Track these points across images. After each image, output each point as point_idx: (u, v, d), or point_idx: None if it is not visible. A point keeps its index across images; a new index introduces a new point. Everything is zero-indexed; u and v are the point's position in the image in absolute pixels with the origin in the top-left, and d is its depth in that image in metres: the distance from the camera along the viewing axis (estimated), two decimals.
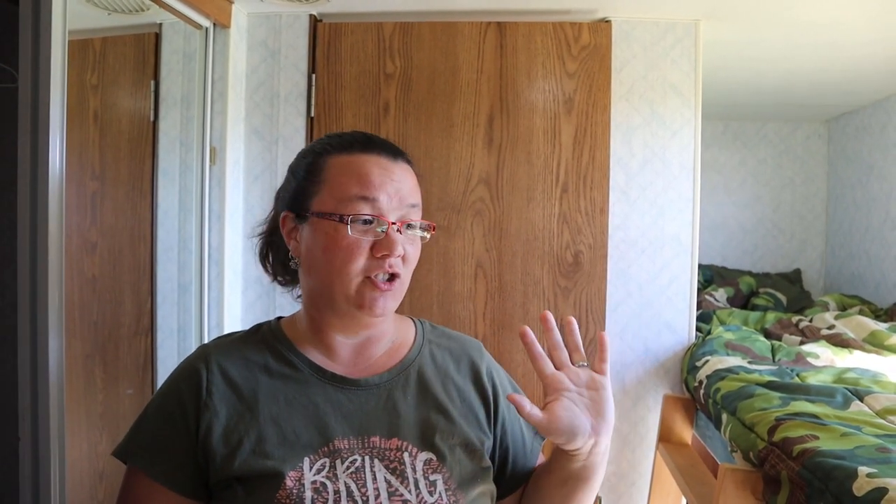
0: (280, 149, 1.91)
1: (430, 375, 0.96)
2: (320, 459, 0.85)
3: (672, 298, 1.93)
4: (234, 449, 0.84)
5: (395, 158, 0.91)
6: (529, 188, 1.88)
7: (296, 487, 0.82)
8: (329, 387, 0.90)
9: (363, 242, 0.86)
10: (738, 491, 1.27)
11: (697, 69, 1.87)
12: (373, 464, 0.86)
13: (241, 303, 1.97)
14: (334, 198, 0.87)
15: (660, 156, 1.91)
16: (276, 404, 0.88)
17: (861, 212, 2.81)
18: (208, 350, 0.92)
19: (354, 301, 0.86)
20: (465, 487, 0.89)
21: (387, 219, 0.86)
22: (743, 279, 2.75)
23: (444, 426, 0.92)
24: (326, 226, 0.86)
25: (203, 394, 0.86)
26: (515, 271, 1.90)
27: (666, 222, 1.92)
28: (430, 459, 0.89)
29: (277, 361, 0.91)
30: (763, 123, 3.14)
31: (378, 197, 0.86)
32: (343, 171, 0.88)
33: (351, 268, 0.85)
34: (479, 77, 1.86)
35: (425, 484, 0.87)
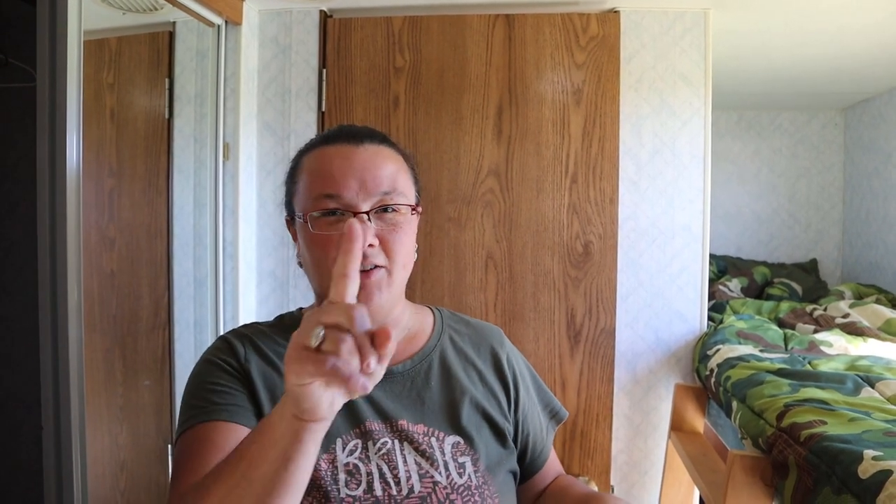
0: (292, 143, 1.93)
1: (452, 360, 0.97)
2: (353, 440, 0.86)
3: (683, 288, 1.93)
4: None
5: (360, 143, 0.89)
6: (539, 179, 1.89)
7: (330, 469, 0.83)
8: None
9: (334, 237, 0.84)
10: (747, 477, 1.27)
11: (707, 58, 1.86)
12: (402, 447, 0.87)
13: (255, 296, 2.00)
14: (305, 197, 0.88)
15: (669, 146, 1.91)
16: None
17: (878, 201, 2.78)
18: (239, 331, 0.93)
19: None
20: (493, 469, 0.91)
21: (355, 209, 0.85)
22: (757, 269, 2.74)
23: (469, 409, 0.93)
24: (303, 226, 0.87)
25: (242, 361, 0.88)
26: (526, 262, 1.91)
27: (676, 212, 1.92)
28: (457, 443, 0.90)
29: None
30: (778, 113, 3.11)
31: (340, 192, 0.85)
32: (310, 168, 0.89)
33: (327, 263, 0.84)
34: (488, 69, 1.87)
35: (455, 466, 0.88)
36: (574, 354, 1.88)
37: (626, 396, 1.94)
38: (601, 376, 1.87)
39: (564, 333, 1.89)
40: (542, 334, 1.89)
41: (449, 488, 0.86)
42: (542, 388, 1.08)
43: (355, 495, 0.83)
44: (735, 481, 1.27)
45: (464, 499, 0.86)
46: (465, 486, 0.87)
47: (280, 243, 1.97)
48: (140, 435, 2.05)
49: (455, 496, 0.86)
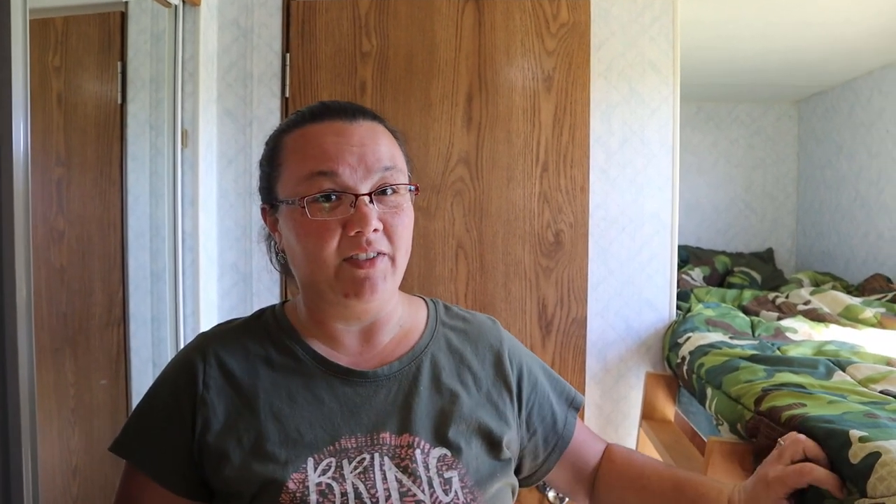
0: (254, 131, 1.86)
1: (444, 363, 0.88)
2: (325, 459, 0.78)
3: (652, 276, 1.94)
4: (232, 448, 0.78)
5: (354, 119, 0.81)
6: (509, 167, 1.86)
7: (299, 490, 0.75)
8: (335, 380, 0.83)
9: (332, 223, 0.76)
10: (726, 463, 1.27)
11: (675, 47, 1.87)
12: (382, 462, 0.79)
13: (216, 290, 1.92)
14: (293, 180, 0.79)
15: (639, 134, 1.91)
16: (278, 400, 0.80)
17: (831, 191, 2.86)
18: (206, 340, 0.85)
19: (339, 290, 0.78)
20: (482, 484, 0.83)
21: (354, 190, 0.77)
22: (718, 258, 2.78)
23: (459, 418, 0.84)
24: (293, 211, 0.78)
25: (199, 388, 0.80)
26: (496, 251, 1.89)
27: (646, 200, 1.92)
28: (444, 455, 0.81)
29: (280, 352, 0.84)
30: (735, 105, 3.17)
31: (337, 169, 0.76)
32: (297, 147, 0.80)
33: (325, 253, 0.77)
34: (458, 55, 1.84)
35: (440, 482, 0.80)
36: (546, 345, 1.87)
37: (598, 386, 1.94)
38: (573, 366, 1.86)
39: (536, 323, 1.88)
40: (513, 325, 1.87)
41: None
42: (553, 376, 0.99)
43: None
44: (714, 468, 1.27)
45: None
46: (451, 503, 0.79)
47: (242, 235, 1.89)
48: (94, 438, 1.95)
49: None
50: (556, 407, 0.95)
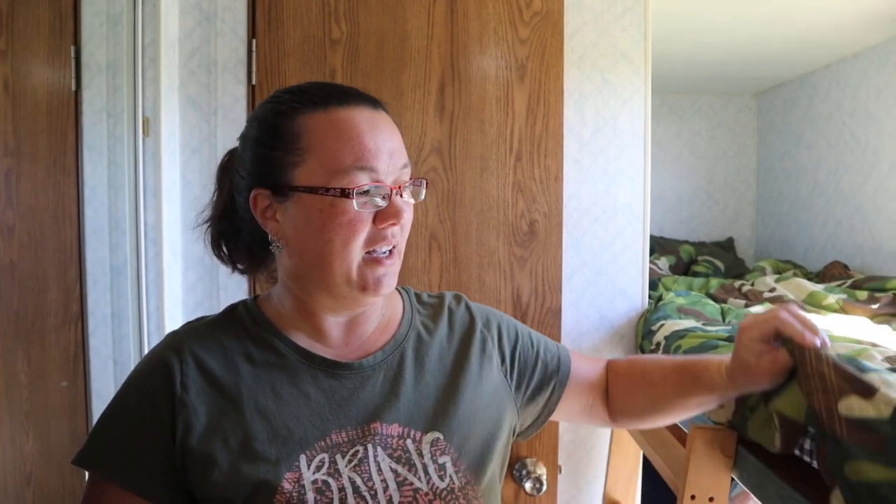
0: (219, 120, 1.79)
1: (425, 348, 0.89)
2: (318, 455, 0.77)
3: (625, 266, 1.95)
4: (218, 451, 0.74)
5: (376, 108, 0.81)
6: (483, 157, 1.84)
7: (295, 490, 0.74)
8: (320, 373, 0.81)
9: (364, 214, 0.76)
10: (708, 449, 1.27)
11: (647, 38, 1.87)
12: (376, 453, 0.79)
13: (181, 284, 1.85)
14: (326, 169, 0.75)
15: (611, 124, 1.91)
16: (263, 397, 0.78)
17: (790, 181, 2.93)
18: (179, 338, 0.81)
19: (357, 283, 0.78)
20: (476, 465, 0.84)
21: (386, 184, 0.77)
22: (683, 248, 2.83)
23: (446, 401, 0.85)
24: (320, 202, 0.75)
25: (177, 389, 0.76)
26: (470, 242, 1.86)
27: (618, 190, 1.93)
28: (436, 440, 0.82)
29: (259, 348, 0.82)
30: (697, 97, 3.21)
31: (376, 165, 0.76)
32: (328, 134, 0.76)
33: (353, 246, 0.76)
34: (430, 43, 1.80)
35: (434, 468, 0.80)
36: None
37: None
38: None
39: (511, 314, 1.84)
40: None
41: (431, 494, 0.79)
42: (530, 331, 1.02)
43: None
44: (697, 454, 1.28)
45: (447, 503, 0.79)
46: (448, 489, 0.80)
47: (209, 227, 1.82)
48: (51, 443, 1.86)
49: (438, 501, 0.79)
50: (543, 354, 0.98)
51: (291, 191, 0.77)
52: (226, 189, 0.88)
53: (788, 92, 2.95)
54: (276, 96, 0.83)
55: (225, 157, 0.90)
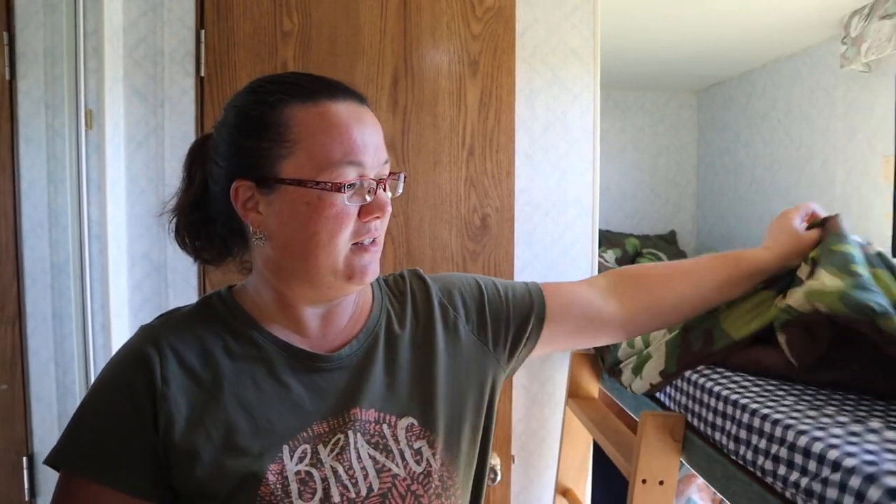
0: (167, 112, 1.74)
1: (396, 332, 0.90)
2: (301, 446, 0.77)
3: (575, 259, 1.99)
4: (202, 445, 0.74)
5: (362, 103, 0.81)
6: (436, 152, 1.85)
7: (279, 481, 0.74)
8: (299, 365, 0.82)
9: (351, 208, 0.77)
10: (659, 434, 1.32)
11: (596, 35, 1.91)
12: (356, 440, 0.80)
13: (127, 282, 1.80)
14: (316, 163, 0.75)
15: (561, 119, 1.94)
16: (244, 390, 0.78)
17: (729, 177, 3.04)
18: (156, 332, 0.79)
19: (344, 273, 0.78)
20: (451, 445, 0.86)
21: (371, 178, 0.78)
22: (628, 241, 2.90)
23: (418, 384, 0.87)
24: (307, 195, 0.75)
25: (158, 383, 0.75)
26: (423, 236, 1.87)
27: (568, 185, 1.96)
28: (411, 425, 0.84)
29: (238, 341, 0.81)
30: (641, 93, 3.30)
31: (365, 160, 0.77)
32: (318, 128, 0.75)
33: (339, 238, 0.77)
34: (383, 37, 1.80)
35: (411, 454, 0.82)
36: None
37: (524, 368, 1.94)
38: None
39: None
40: None
41: (409, 479, 0.81)
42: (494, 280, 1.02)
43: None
44: (647, 439, 1.32)
45: (425, 487, 0.81)
46: (425, 472, 0.82)
47: (155, 222, 1.77)
48: None
49: (416, 486, 0.81)
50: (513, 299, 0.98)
51: (277, 183, 0.76)
52: (197, 178, 0.85)
53: (727, 90, 3.06)
54: (260, 86, 0.81)
55: (195, 145, 0.88)
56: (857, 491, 0.75)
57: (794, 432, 0.90)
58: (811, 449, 0.86)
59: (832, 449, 0.83)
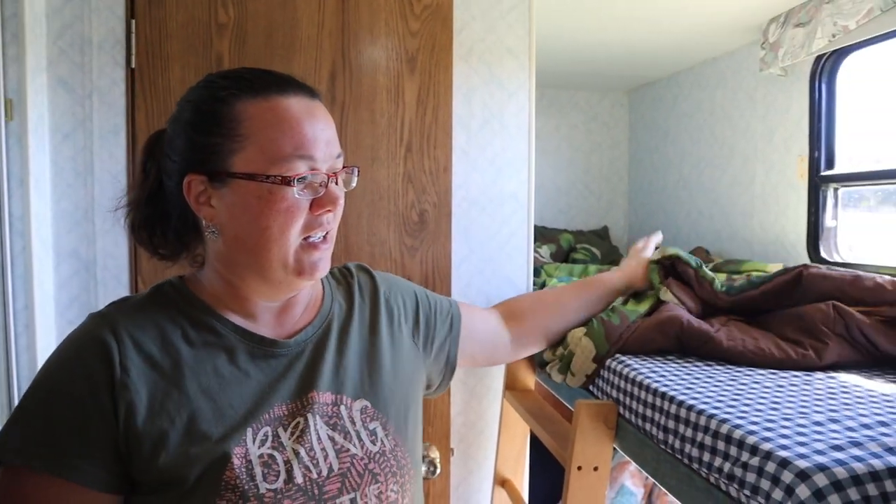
0: (95, 103, 1.69)
1: (347, 320, 0.95)
2: (262, 428, 0.79)
3: (511, 254, 2.03)
4: (165, 433, 0.74)
5: (314, 98, 0.84)
6: (374, 148, 1.86)
7: (244, 465, 0.76)
8: (258, 351, 0.84)
9: (302, 202, 0.79)
10: (593, 423, 1.37)
11: (531, 34, 1.96)
12: (315, 422, 0.83)
13: (53, 280, 1.73)
14: (265, 157, 0.77)
15: (498, 117, 1.98)
16: (205, 376, 0.79)
17: (658, 174, 3.15)
18: (113, 318, 0.78)
19: (294, 269, 0.81)
20: (402, 425, 0.91)
21: (323, 171, 0.80)
22: (563, 236, 2.97)
23: (369, 368, 0.92)
24: (258, 189, 0.77)
25: (116, 371, 0.74)
26: (361, 232, 1.88)
27: (504, 181, 2.00)
28: (364, 407, 0.88)
29: (197, 328, 0.82)
30: (575, 92, 3.38)
31: (315, 154, 0.79)
32: (268, 122, 0.78)
33: (290, 232, 0.79)
34: (321, 32, 1.79)
35: (367, 434, 0.86)
36: None
37: None
38: None
39: None
40: None
41: (366, 458, 0.84)
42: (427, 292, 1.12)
43: (276, 488, 0.76)
44: (582, 427, 1.37)
45: (381, 466, 0.85)
46: (380, 451, 0.86)
47: (83, 218, 1.72)
48: None
49: (373, 465, 0.85)
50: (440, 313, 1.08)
51: (229, 177, 0.78)
52: (152, 173, 0.87)
53: (657, 90, 3.17)
54: (211, 81, 0.83)
55: (150, 140, 0.89)
56: (772, 475, 0.81)
57: (716, 421, 0.96)
58: (732, 436, 0.91)
59: (750, 435, 0.89)
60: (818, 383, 1.16)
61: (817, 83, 2.17)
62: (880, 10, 1.85)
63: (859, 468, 0.77)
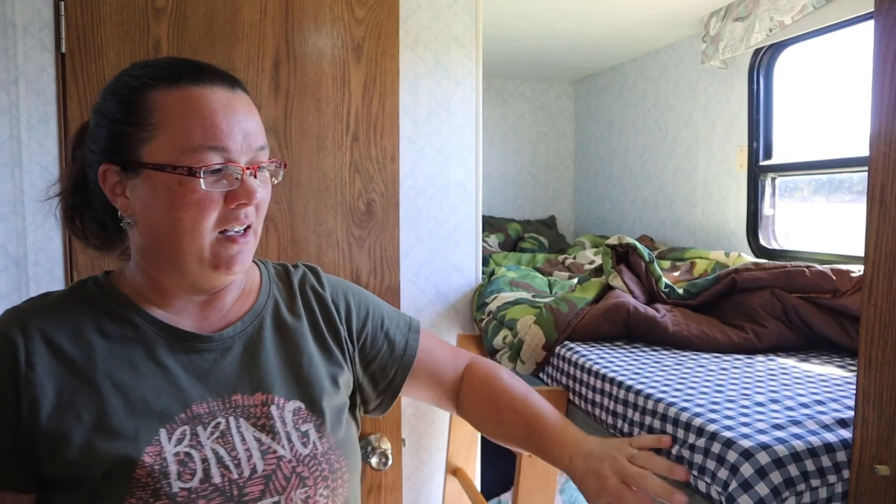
0: (21, 90, 1.61)
1: (285, 316, 0.91)
2: (179, 427, 0.77)
3: (459, 242, 2.03)
4: (71, 429, 0.72)
5: (233, 88, 0.80)
6: (320, 137, 1.82)
7: (157, 463, 0.73)
8: (179, 346, 0.81)
9: (215, 194, 0.76)
10: None
11: (478, 23, 1.95)
12: (238, 424, 0.80)
13: None
14: (175, 147, 0.75)
15: (445, 105, 1.97)
16: (119, 371, 0.76)
17: (604, 163, 3.20)
18: (22, 314, 0.77)
19: (209, 262, 0.78)
20: (335, 429, 0.87)
21: (239, 164, 0.77)
22: (511, 226, 3.00)
23: (307, 368, 0.88)
24: (168, 179, 0.75)
25: (21, 367, 0.72)
26: (308, 223, 1.85)
27: (452, 170, 2.00)
28: (298, 408, 0.85)
29: (115, 322, 0.80)
30: (521, 81, 3.40)
31: (228, 145, 0.76)
32: (179, 112, 0.75)
33: (203, 225, 0.76)
34: (263, 18, 1.74)
35: (298, 435, 0.83)
36: None
37: None
38: None
39: None
40: None
41: (294, 461, 0.81)
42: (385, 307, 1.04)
43: (191, 487, 0.74)
44: None
45: (311, 469, 0.82)
46: (311, 455, 0.83)
47: (12, 212, 1.64)
48: None
49: (302, 468, 0.82)
50: (393, 334, 1.00)
51: (140, 167, 0.76)
52: (78, 161, 0.85)
53: (602, 81, 3.22)
54: (129, 69, 0.82)
55: (78, 129, 0.88)
56: (717, 455, 0.83)
57: (664, 404, 0.98)
58: (679, 418, 0.93)
59: (696, 417, 0.91)
60: (759, 366, 1.20)
61: (755, 76, 2.23)
62: (813, 7, 1.91)
63: (798, 445, 0.80)
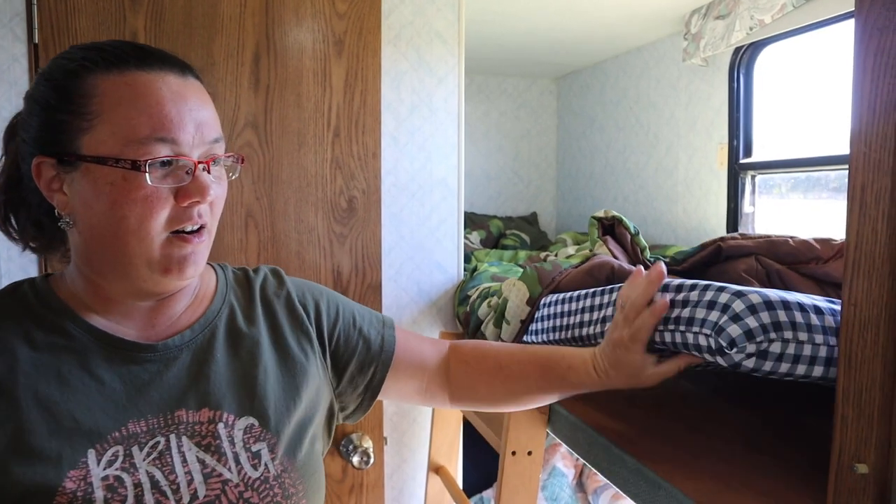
0: None
1: (241, 324, 0.83)
2: (111, 448, 0.69)
3: (441, 239, 2.02)
4: None
5: (184, 75, 0.73)
6: (300, 132, 1.80)
7: (80, 489, 0.65)
8: (117, 357, 0.73)
9: (163, 191, 0.69)
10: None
11: (461, 19, 1.94)
12: (180, 443, 0.72)
13: None
14: (119, 138, 0.68)
15: (427, 102, 1.96)
16: (45, 384, 0.69)
17: (586, 160, 3.21)
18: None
19: (159, 266, 0.71)
20: (293, 448, 0.79)
21: (190, 157, 0.70)
22: (492, 222, 2.99)
23: (262, 382, 0.79)
24: (110, 174, 0.68)
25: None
26: (289, 219, 1.83)
27: (434, 166, 1.99)
28: (251, 426, 0.77)
29: (44, 330, 0.72)
30: (504, 78, 3.39)
31: (178, 137, 0.69)
32: (123, 99, 0.68)
33: (151, 224, 0.69)
34: (243, 11, 1.72)
35: (247, 457, 0.75)
36: None
37: None
38: None
39: None
40: None
41: (242, 485, 0.73)
42: (354, 305, 0.97)
43: None
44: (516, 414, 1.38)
45: (261, 495, 0.74)
46: (262, 478, 0.75)
47: None
48: None
49: (250, 493, 0.74)
50: (367, 331, 0.93)
51: (78, 160, 0.69)
52: (12, 155, 0.78)
53: (584, 78, 3.22)
54: (67, 52, 0.74)
55: (12, 120, 0.80)
56: (708, 301, 0.84)
57: None
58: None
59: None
60: None
61: (736, 74, 2.25)
62: (793, 7, 1.92)
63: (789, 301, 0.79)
